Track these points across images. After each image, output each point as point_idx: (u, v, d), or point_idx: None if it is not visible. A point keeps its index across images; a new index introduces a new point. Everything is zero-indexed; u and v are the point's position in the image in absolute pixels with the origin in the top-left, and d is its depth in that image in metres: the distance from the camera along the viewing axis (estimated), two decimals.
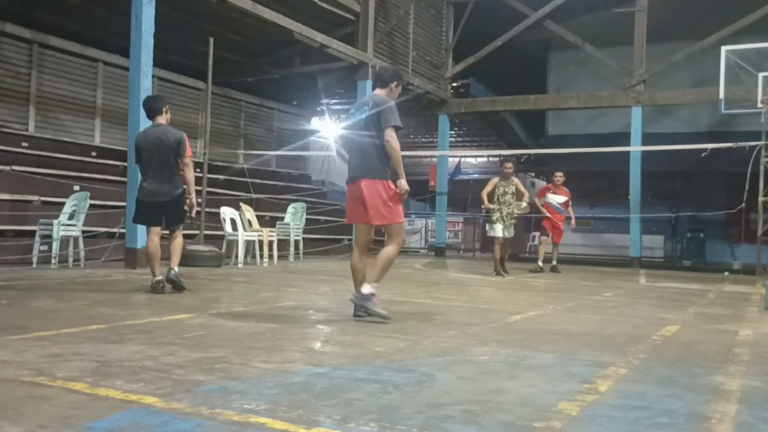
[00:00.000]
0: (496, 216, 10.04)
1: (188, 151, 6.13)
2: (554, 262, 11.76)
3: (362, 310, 4.63)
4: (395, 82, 5.05)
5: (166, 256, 6.13)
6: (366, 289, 4.63)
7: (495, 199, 10.03)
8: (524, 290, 8.06)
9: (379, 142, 4.71)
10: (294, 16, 12.01)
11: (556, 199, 11.55)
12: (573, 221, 11.96)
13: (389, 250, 4.75)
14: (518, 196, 10.18)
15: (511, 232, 10.40)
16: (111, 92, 13.01)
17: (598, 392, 2.77)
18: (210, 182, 11.03)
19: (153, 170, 6.06)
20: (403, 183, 4.74)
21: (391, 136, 4.68)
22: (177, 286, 5.97)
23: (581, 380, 2.98)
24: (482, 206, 10.16)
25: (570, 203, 11.77)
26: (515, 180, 10.34)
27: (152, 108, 6.30)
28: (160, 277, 5.91)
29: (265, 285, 7.53)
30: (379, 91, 5.01)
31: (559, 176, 11.72)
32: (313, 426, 2.16)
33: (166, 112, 6.27)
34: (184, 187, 6.16)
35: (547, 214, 11.50)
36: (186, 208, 6.20)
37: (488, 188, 10.10)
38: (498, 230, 10.12)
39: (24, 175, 9.75)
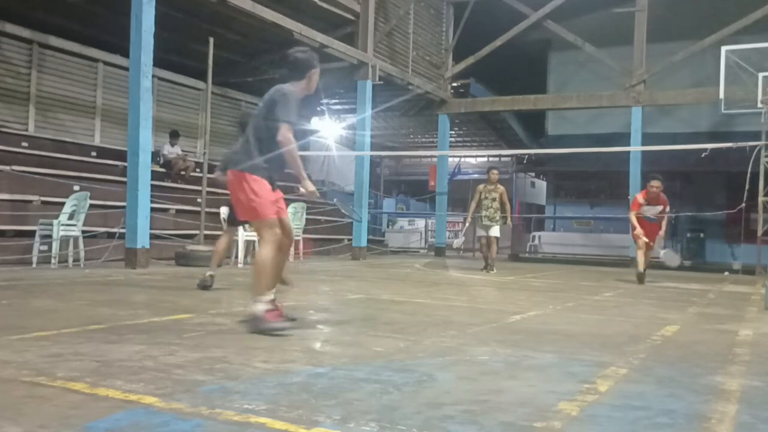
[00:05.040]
0: (478, 216, 10.89)
1: None
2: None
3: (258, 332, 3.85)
4: (313, 69, 4.20)
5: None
6: (254, 307, 3.94)
7: (479, 202, 10.87)
8: (524, 290, 8.06)
9: (265, 136, 4.04)
10: (294, 16, 12.00)
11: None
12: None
13: (261, 254, 4.06)
14: (501, 205, 10.80)
15: (494, 232, 10.83)
16: (111, 92, 13.00)
17: (598, 392, 2.77)
18: (210, 182, 11.00)
19: None
20: (308, 184, 4.29)
21: (282, 135, 3.95)
22: None
23: (581, 380, 2.98)
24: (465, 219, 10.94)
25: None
26: (500, 188, 10.87)
27: None
28: None
29: None
30: (294, 84, 4.14)
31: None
32: (313, 426, 2.16)
33: None
34: None
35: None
36: None
37: (475, 198, 10.88)
38: (480, 230, 10.93)
39: (24, 175, 9.75)
